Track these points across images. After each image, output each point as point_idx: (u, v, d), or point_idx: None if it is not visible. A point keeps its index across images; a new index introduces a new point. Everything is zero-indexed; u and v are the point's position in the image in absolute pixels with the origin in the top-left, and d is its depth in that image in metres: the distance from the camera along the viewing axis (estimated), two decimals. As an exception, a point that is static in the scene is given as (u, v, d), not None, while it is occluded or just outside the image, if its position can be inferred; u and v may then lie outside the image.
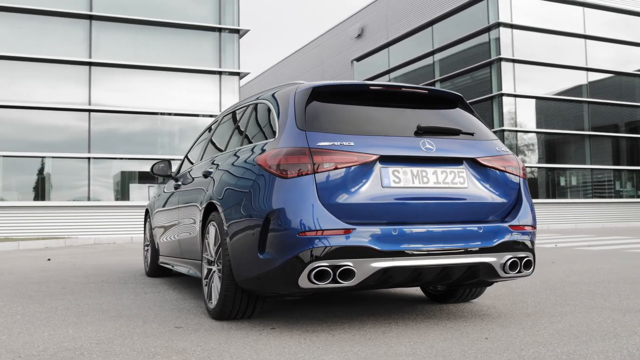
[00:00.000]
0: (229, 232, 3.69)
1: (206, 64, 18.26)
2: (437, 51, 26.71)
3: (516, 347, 3.13)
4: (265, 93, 4.39)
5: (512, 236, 3.64)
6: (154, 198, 6.79)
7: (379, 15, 30.75)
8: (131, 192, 17.76)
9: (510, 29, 23.18)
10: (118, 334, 3.55)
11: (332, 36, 34.75)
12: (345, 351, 3.09)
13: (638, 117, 25.75)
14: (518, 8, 23.30)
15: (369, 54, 31.71)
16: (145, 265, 6.91)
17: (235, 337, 3.45)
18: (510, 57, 23.01)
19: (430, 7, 26.73)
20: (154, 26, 17.79)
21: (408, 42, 28.81)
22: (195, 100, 18.10)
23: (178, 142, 18.32)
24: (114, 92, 17.29)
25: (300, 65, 37.77)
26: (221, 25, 18.42)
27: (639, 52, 25.66)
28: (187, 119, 18.18)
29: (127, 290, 5.50)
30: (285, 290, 3.45)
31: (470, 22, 24.58)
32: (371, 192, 3.41)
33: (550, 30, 23.73)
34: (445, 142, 3.65)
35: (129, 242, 15.46)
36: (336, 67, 34.20)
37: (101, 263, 8.61)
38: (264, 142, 3.76)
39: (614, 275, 6.22)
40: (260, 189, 3.47)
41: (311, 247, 3.23)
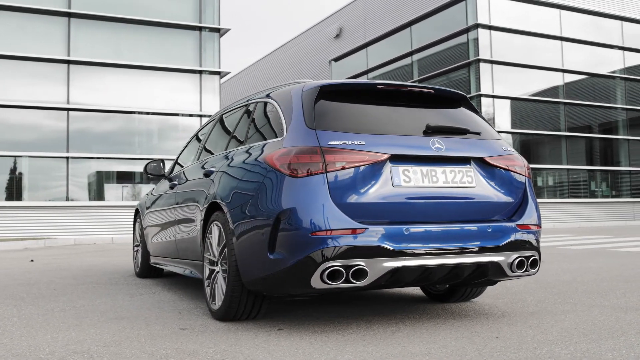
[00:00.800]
0: (235, 232, 3.65)
1: (186, 63, 18.11)
2: (415, 52, 26.85)
3: (529, 346, 3.14)
4: (267, 91, 4.35)
5: (519, 235, 3.66)
6: (145, 198, 6.70)
7: (357, 16, 30.80)
8: (110, 192, 17.53)
9: (488, 31, 23.39)
10: (124, 336, 3.49)
11: (310, 36, 34.72)
12: (360, 351, 3.07)
13: (612, 118, 26.18)
14: (496, 10, 23.52)
15: (347, 54, 31.75)
16: (135, 266, 6.82)
17: (244, 338, 3.41)
18: (489, 58, 23.22)
19: (409, 8, 26.85)
20: (133, 24, 17.59)
21: (386, 43, 28.91)
22: (175, 99, 17.93)
23: (158, 141, 18.14)
24: (93, 90, 17.05)
25: (278, 64, 37.67)
26: (201, 24, 18.28)
27: (613, 54, 26.08)
28: (167, 119, 18.01)
29: (121, 292, 5.41)
30: (296, 291, 3.42)
31: (448, 23, 24.75)
32: (382, 192, 3.39)
33: (527, 32, 24.00)
34: (454, 142, 3.65)
35: (109, 243, 15.25)
36: (314, 67, 34.17)
37: (87, 264, 8.47)
38: (270, 140, 3.72)
39: (604, 274, 6.30)
40: (269, 188, 3.43)
41: (324, 247, 3.20)
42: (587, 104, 25.32)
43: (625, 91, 26.16)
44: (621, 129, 26.11)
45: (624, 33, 26.08)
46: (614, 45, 25.90)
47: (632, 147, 26.09)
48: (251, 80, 39.94)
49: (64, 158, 16.64)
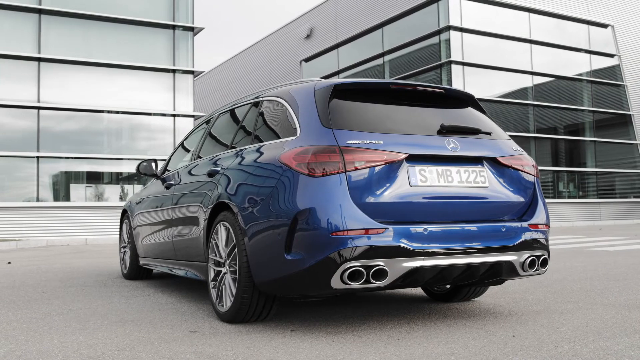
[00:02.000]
0: (247, 232, 3.59)
1: (159, 61, 17.85)
2: (387, 53, 26.97)
3: (549, 345, 3.16)
4: (273, 90, 4.30)
5: (530, 235, 3.68)
6: (134, 198, 6.57)
7: (328, 17, 30.80)
8: (81, 192, 17.19)
9: (460, 33, 23.62)
10: (135, 340, 3.40)
11: (280, 36, 34.61)
12: (382, 352, 3.05)
13: (579, 120, 26.69)
14: (468, 12, 23.77)
15: (318, 54, 31.72)
16: (123, 268, 6.68)
17: (260, 340, 3.36)
18: (460, 60, 23.44)
19: (380, 9, 26.96)
20: (106, 22, 17.27)
21: (358, 44, 28.98)
22: (148, 98, 17.67)
23: (131, 141, 17.85)
24: (64, 89, 16.69)
25: (248, 64, 37.45)
26: (175, 22, 18.05)
27: (580, 57, 26.59)
28: (140, 118, 17.72)
29: (114, 294, 5.29)
30: (315, 291, 3.38)
31: (420, 25, 24.93)
32: (400, 191, 3.38)
33: (498, 35, 24.30)
34: (467, 142, 3.66)
35: (83, 244, 14.94)
36: (285, 67, 34.07)
37: (68, 266, 8.27)
38: (283, 140, 3.67)
39: (591, 273, 6.39)
40: (285, 188, 3.39)
41: (344, 247, 3.17)
42: (555, 105, 25.77)
43: (591, 93, 26.71)
44: (588, 131, 26.64)
45: (591, 37, 26.62)
46: (581, 49, 26.40)
47: (598, 148, 26.64)
48: (220, 80, 39.64)
49: (34, 158, 16.25)
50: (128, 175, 18.10)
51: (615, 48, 26.97)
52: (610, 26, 26.92)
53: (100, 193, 17.55)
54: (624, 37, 27.15)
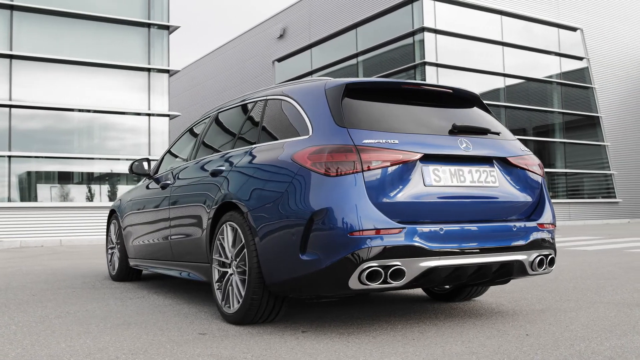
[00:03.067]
0: (258, 233, 3.54)
1: (134, 60, 17.58)
2: (361, 54, 27.04)
3: (565, 343, 3.18)
4: (278, 89, 4.25)
5: (540, 234, 3.71)
6: (124, 198, 6.44)
7: (301, 17, 30.76)
8: (56, 192, 16.85)
9: (434, 34, 23.81)
10: (145, 343, 3.33)
11: (253, 36, 34.44)
12: (401, 352, 3.03)
13: (549, 121, 27.13)
14: (442, 14, 23.97)
15: (291, 54, 31.66)
16: (111, 269, 6.55)
17: (275, 342, 3.31)
18: (434, 62, 23.63)
19: (354, 10, 27.02)
20: (80, 19, 16.93)
21: (331, 44, 28.99)
22: (123, 97, 17.40)
23: (105, 141, 17.55)
24: (37, 87, 16.33)
25: (220, 63, 37.19)
26: (150, 20, 17.81)
27: (550, 60, 27.03)
28: (115, 117, 17.43)
29: (108, 296, 5.18)
30: (331, 292, 3.35)
31: (394, 26, 25.05)
32: (415, 191, 3.37)
33: (471, 37, 24.55)
34: (479, 142, 3.67)
35: (58, 245, 14.64)
36: (257, 67, 33.92)
37: (49, 268, 8.08)
38: (294, 139, 3.63)
39: (580, 272, 6.48)
40: (300, 187, 3.35)
41: (362, 247, 3.15)
42: (526, 107, 26.15)
43: (561, 95, 27.17)
44: (557, 132, 27.08)
45: (560, 40, 27.08)
46: (551, 51, 26.84)
47: (568, 149, 27.12)
48: (191, 79, 39.26)
49: (6, 157, 15.87)
50: (100, 175, 17.81)
51: (584, 51, 27.48)
52: (579, 29, 27.42)
53: (74, 193, 17.22)
54: (593, 41, 27.69)
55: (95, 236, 15.93)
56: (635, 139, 28.93)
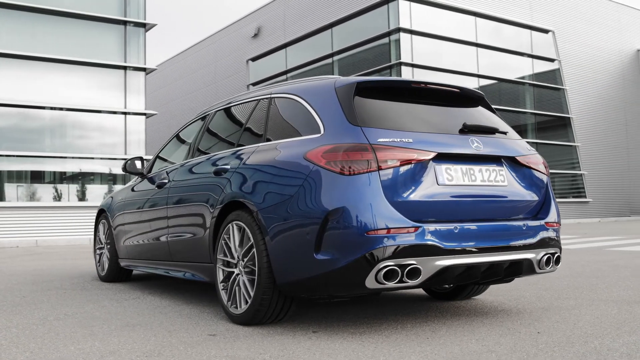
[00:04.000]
0: (269, 232, 3.50)
1: (110, 58, 17.32)
2: (336, 53, 27.07)
3: (578, 340, 3.21)
4: (283, 87, 4.22)
5: (547, 233, 3.75)
6: (113, 197, 6.33)
7: (276, 16, 30.66)
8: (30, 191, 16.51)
9: (410, 35, 23.95)
10: (157, 345, 3.27)
11: (227, 34, 34.22)
12: (419, 351, 3.03)
13: (521, 122, 27.50)
14: (417, 15, 24.12)
15: (266, 54, 31.53)
16: (99, 270, 6.43)
17: (289, 342, 3.28)
18: (410, 62, 23.78)
19: (330, 9, 27.03)
20: (55, 16, 16.61)
21: (306, 44, 28.96)
22: (98, 95, 17.13)
23: (80, 140, 17.26)
24: (9, 84, 15.98)
25: (194, 62, 36.87)
26: (126, 18, 17.57)
27: (522, 61, 27.40)
28: (90, 115, 17.15)
29: (102, 297, 5.08)
30: (346, 291, 3.33)
31: (370, 27, 25.13)
32: (429, 190, 3.37)
33: (446, 37, 24.78)
34: (488, 141, 3.69)
35: (34, 246, 14.34)
36: (231, 66, 33.70)
37: (31, 269, 7.90)
38: (305, 137, 3.60)
39: (569, 270, 6.57)
40: (314, 186, 3.32)
41: (380, 246, 3.13)
42: (499, 107, 26.48)
43: (533, 96, 27.57)
44: (529, 132, 27.48)
45: (533, 41, 27.48)
46: (524, 53, 27.22)
47: (539, 149, 27.50)
48: (164, 77, 38.84)
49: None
50: (74, 175, 17.51)
51: (555, 53, 27.94)
52: (551, 32, 27.87)
53: (50, 193, 16.89)
54: (564, 43, 28.16)
55: (73, 236, 15.66)
56: (604, 139, 29.51)
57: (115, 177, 17.56)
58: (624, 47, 31.03)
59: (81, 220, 16.06)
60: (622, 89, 30.69)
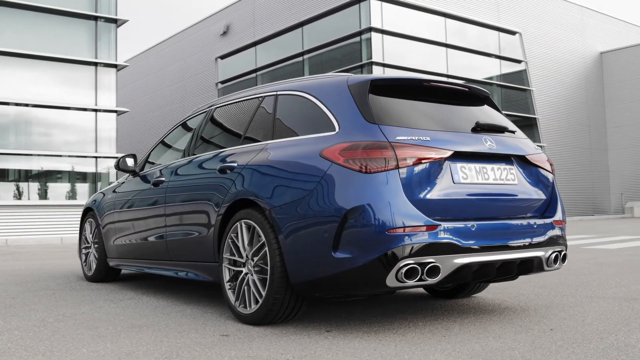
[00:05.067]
0: (283, 231, 3.46)
1: (80, 54, 16.98)
2: (307, 52, 27.04)
3: (593, 336, 3.25)
4: (288, 84, 4.18)
5: (555, 231, 3.79)
6: (102, 195, 6.19)
7: (245, 14, 30.47)
8: None
9: (381, 34, 24.06)
10: (172, 347, 3.20)
11: (195, 32, 33.86)
12: (440, 349, 3.03)
13: (489, 122, 27.86)
14: (388, 15, 24.25)
15: (235, 52, 31.30)
16: (86, 269, 6.27)
17: (305, 342, 3.25)
18: (381, 62, 23.89)
19: (300, 8, 26.99)
20: (23, 10, 16.20)
21: (276, 42, 28.85)
22: (68, 92, 16.76)
23: (49, 137, 16.87)
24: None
25: (161, 60, 36.40)
26: (97, 13, 17.23)
27: (490, 62, 27.79)
28: (59, 112, 16.77)
29: (95, 298, 4.96)
30: (366, 290, 3.32)
31: (341, 26, 25.17)
32: (446, 188, 3.38)
33: (417, 38, 24.97)
34: (500, 140, 3.72)
35: (3, 245, 13.95)
36: (199, 64, 33.37)
37: (9, 269, 7.67)
38: (318, 135, 3.57)
39: (554, 267, 6.66)
40: (332, 184, 3.29)
41: (401, 244, 3.13)
42: (468, 108, 26.79)
43: (501, 97, 27.98)
44: (497, 133, 27.87)
45: (501, 43, 27.89)
46: (492, 54, 27.60)
47: (507, 149, 27.98)
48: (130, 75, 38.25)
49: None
50: (42, 172, 17.12)
51: (522, 54, 28.40)
52: (518, 33, 28.32)
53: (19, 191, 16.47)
54: (531, 45, 28.65)
55: (45, 235, 15.31)
56: (568, 139, 30.14)
57: (85, 175, 17.22)
58: (588, 49, 31.74)
59: (51, 220, 15.71)
60: (586, 91, 31.39)
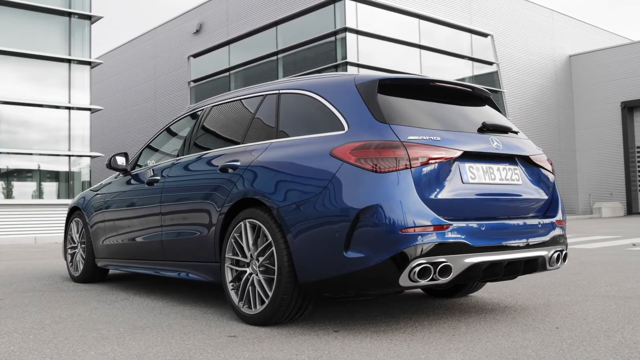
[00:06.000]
0: (292, 230, 3.43)
1: (53, 50, 16.65)
2: (281, 52, 26.96)
3: (600, 334, 3.30)
4: (292, 82, 4.15)
5: (557, 231, 3.84)
6: (90, 194, 6.06)
7: (219, 12, 30.25)
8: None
9: (356, 35, 24.12)
10: (183, 348, 3.16)
11: (168, 29, 33.50)
12: (453, 349, 3.04)
13: (462, 123, 28.15)
14: (363, 15, 24.32)
15: (208, 50, 31.05)
16: (72, 270, 6.15)
17: (315, 342, 3.23)
18: (356, 62, 23.94)
19: (275, 8, 26.90)
20: (-6, 4, 15.87)
21: (250, 41, 28.69)
22: (40, 89, 16.43)
23: (19, 135, 16.51)
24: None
25: (131, 57, 35.93)
26: (71, 9, 16.92)
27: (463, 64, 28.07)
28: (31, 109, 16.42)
29: (88, 299, 4.87)
30: (378, 290, 3.32)
31: (316, 26, 25.16)
32: (455, 188, 3.39)
33: (391, 39, 25.08)
34: (505, 140, 3.75)
35: (-26, 247, 13.62)
36: (171, 62, 33.01)
37: (-11, 270, 7.50)
38: (326, 134, 3.55)
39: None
40: (343, 183, 3.28)
41: (414, 244, 3.13)
42: (441, 109, 27.01)
43: (473, 98, 28.27)
44: (469, 134, 28.16)
45: (473, 45, 28.19)
46: (464, 56, 27.87)
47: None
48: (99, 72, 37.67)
49: None
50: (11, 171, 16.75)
51: (494, 56, 28.74)
52: (490, 35, 28.64)
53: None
54: (502, 47, 29.01)
55: (17, 235, 14.98)
56: (538, 141, 30.56)
57: (58, 174, 16.91)
58: (557, 52, 32.27)
59: (23, 219, 15.38)
60: (555, 93, 31.91)
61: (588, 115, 32.25)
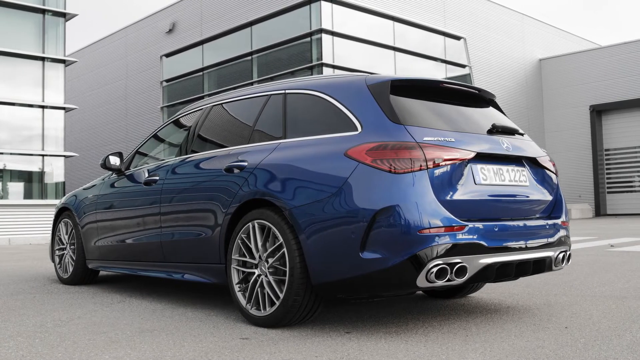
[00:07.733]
0: (305, 231, 3.41)
1: (26, 48, 16.31)
2: (255, 52, 26.86)
3: (610, 333, 3.35)
4: (298, 82, 4.13)
5: (563, 231, 3.89)
6: (81, 194, 5.94)
7: (192, 12, 29.99)
8: None
9: (331, 36, 24.15)
10: (199, 351, 3.11)
11: (140, 28, 33.11)
12: (470, 349, 3.06)
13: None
14: (339, 17, 24.37)
15: (181, 50, 30.77)
16: (61, 272, 6.02)
17: (331, 344, 3.22)
18: (331, 63, 23.97)
19: (249, 8, 26.78)
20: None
21: (225, 41, 28.51)
22: (12, 87, 16.08)
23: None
24: None
25: (101, 56, 35.40)
26: (45, 6, 16.61)
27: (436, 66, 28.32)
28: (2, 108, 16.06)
29: (82, 301, 4.77)
30: (396, 291, 3.32)
31: (292, 26, 25.12)
32: (469, 189, 3.41)
33: (367, 40, 25.18)
34: (513, 142, 3.79)
35: (-54, 248, 13.27)
36: (144, 61, 32.62)
37: (-31, 272, 7.31)
38: (339, 135, 3.53)
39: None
40: (359, 184, 3.27)
41: (432, 245, 3.14)
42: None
43: (447, 101, 28.54)
44: (443, 135, 28.40)
45: (446, 47, 28.46)
46: (438, 58, 28.13)
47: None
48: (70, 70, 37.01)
49: None
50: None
51: (467, 59, 29.05)
52: (462, 39, 28.95)
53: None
54: (475, 50, 29.35)
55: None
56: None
57: (30, 175, 16.57)
58: (527, 56, 32.76)
59: (-5, 220, 15.05)
60: (526, 96, 32.39)
61: (557, 119, 32.80)
